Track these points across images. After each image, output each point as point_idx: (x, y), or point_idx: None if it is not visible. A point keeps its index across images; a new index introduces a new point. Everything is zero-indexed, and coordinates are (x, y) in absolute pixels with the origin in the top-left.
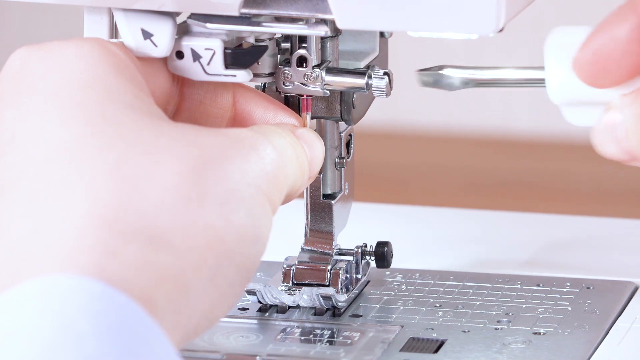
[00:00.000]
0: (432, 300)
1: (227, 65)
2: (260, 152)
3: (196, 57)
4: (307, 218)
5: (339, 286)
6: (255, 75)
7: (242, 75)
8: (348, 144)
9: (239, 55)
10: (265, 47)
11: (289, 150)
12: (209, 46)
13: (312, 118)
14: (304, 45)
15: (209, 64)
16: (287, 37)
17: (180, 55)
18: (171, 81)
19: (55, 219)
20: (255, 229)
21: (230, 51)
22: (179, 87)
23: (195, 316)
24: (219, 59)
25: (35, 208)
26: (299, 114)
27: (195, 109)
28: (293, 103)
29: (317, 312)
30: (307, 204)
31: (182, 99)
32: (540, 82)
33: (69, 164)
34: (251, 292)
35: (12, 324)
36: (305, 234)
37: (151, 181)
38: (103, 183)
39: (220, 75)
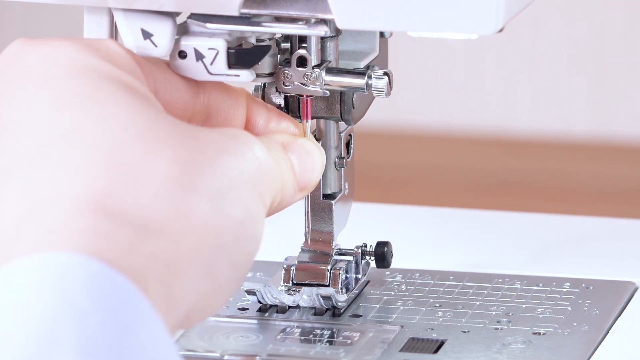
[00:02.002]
0: (432, 300)
1: (231, 65)
2: (255, 152)
3: (199, 56)
4: (307, 218)
5: (339, 286)
6: (256, 75)
7: (245, 75)
8: (348, 144)
9: (243, 55)
10: (269, 47)
11: (279, 159)
12: (212, 46)
13: (312, 118)
14: (304, 45)
15: (212, 63)
16: (287, 37)
17: (182, 54)
18: (193, 94)
19: (49, 202)
20: (251, 227)
21: (233, 51)
22: (205, 104)
23: (188, 303)
24: (222, 58)
25: (29, 193)
26: (299, 115)
27: (221, 125)
28: (293, 104)
29: (317, 312)
30: (307, 204)
31: (208, 117)
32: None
33: (63, 149)
34: (251, 292)
35: (11, 297)
36: (305, 234)
37: (147, 168)
38: (98, 168)
39: (223, 75)
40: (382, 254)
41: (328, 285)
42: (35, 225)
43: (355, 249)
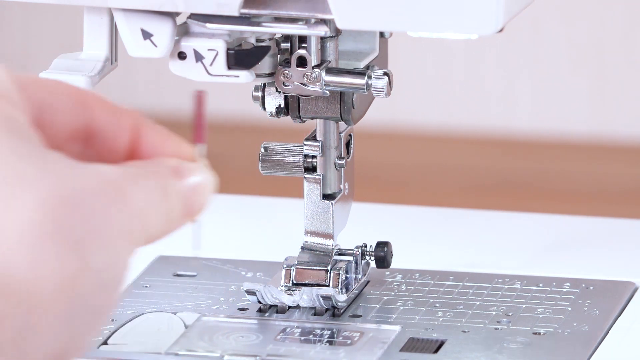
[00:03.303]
0: (432, 300)
1: (230, 66)
2: (127, 195)
3: (199, 57)
4: (306, 218)
5: (339, 286)
6: (255, 75)
7: (245, 76)
8: (348, 144)
9: (242, 55)
10: (268, 48)
11: (157, 195)
12: (211, 47)
13: (312, 118)
14: (303, 45)
15: (211, 64)
16: (286, 37)
17: (182, 55)
18: (77, 113)
19: None
20: (113, 274)
21: (233, 52)
22: (87, 122)
23: (43, 356)
24: (221, 59)
25: None
26: (298, 114)
27: (103, 146)
28: (293, 104)
29: (317, 312)
30: (307, 204)
31: (90, 136)
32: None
33: None
34: (251, 292)
35: None
36: (306, 234)
37: (8, 218)
38: None
39: (222, 76)
40: (382, 254)
41: (328, 286)
42: None
43: (355, 249)
